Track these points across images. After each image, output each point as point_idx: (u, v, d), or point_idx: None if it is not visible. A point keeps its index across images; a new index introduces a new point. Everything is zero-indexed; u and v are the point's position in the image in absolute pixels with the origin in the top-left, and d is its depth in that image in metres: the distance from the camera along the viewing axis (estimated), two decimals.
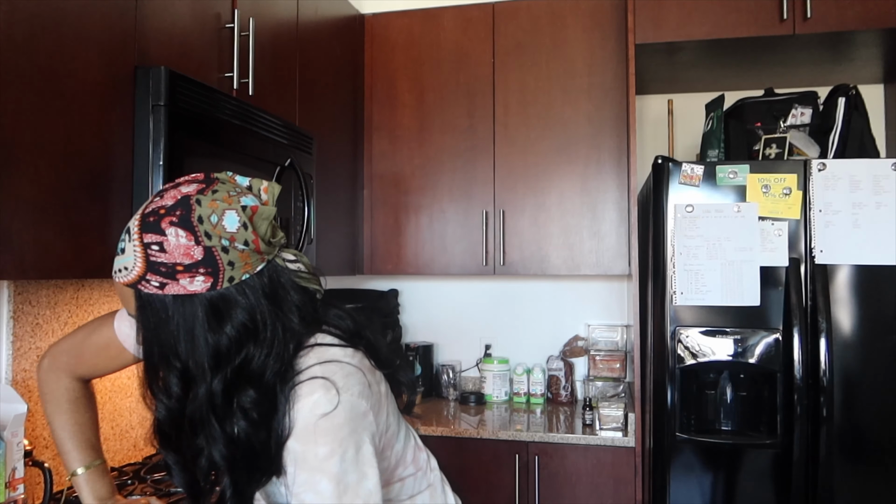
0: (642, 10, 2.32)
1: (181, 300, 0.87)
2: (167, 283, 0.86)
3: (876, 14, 2.16)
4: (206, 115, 1.57)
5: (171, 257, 0.85)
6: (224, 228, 0.86)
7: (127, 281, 0.88)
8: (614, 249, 2.54)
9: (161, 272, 0.85)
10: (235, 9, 1.79)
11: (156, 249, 0.85)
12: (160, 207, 0.87)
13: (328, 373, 0.89)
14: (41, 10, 1.21)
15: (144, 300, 0.88)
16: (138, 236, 0.86)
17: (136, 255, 0.86)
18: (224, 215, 0.87)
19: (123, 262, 0.88)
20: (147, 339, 0.90)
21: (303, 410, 0.87)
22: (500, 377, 2.82)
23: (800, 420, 1.95)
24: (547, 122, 2.61)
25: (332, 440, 0.86)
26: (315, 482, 0.86)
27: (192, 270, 0.85)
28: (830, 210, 2.02)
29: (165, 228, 0.85)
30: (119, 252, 0.89)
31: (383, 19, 2.78)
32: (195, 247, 0.85)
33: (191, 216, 0.86)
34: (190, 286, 0.86)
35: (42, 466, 1.41)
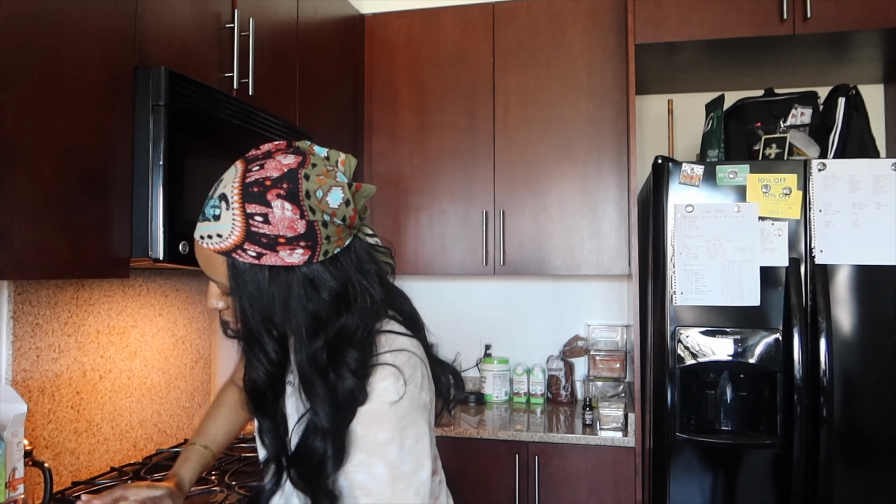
0: (642, 10, 2.32)
1: (277, 271, 0.88)
2: (265, 253, 0.86)
3: (876, 14, 2.16)
4: (206, 115, 1.57)
5: (275, 229, 0.85)
6: (328, 204, 0.88)
7: (220, 248, 0.88)
8: (614, 249, 2.54)
9: (262, 243, 0.86)
10: (235, 9, 1.79)
11: (259, 220, 0.85)
12: (265, 178, 0.86)
13: (399, 362, 0.92)
14: (41, 10, 1.21)
15: (238, 269, 0.88)
16: (240, 205, 0.86)
17: (234, 223, 0.86)
18: (330, 191, 0.88)
19: (216, 229, 0.87)
20: (242, 307, 0.89)
21: (372, 396, 0.90)
22: (500, 377, 2.82)
23: (800, 420, 1.95)
24: (547, 122, 2.61)
25: (394, 427, 0.89)
26: (371, 465, 0.89)
27: (293, 243, 0.86)
28: (830, 210, 2.02)
29: (272, 200, 0.85)
30: (209, 218, 0.88)
31: (383, 19, 2.78)
32: (299, 220, 0.86)
33: (298, 190, 0.86)
34: (288, 258, 0.87)
35: (42, 466, 1.41)
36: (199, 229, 0.91)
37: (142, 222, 1.42)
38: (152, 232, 1.41)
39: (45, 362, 1.61)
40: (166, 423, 2.05)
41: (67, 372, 1.68)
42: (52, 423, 1.63)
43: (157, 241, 1.42)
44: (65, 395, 1.67)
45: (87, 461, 1.73)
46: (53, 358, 1.64)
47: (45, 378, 1.61)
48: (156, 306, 2.01)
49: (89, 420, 1.74)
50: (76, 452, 1.70)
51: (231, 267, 0.89)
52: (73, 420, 1.69)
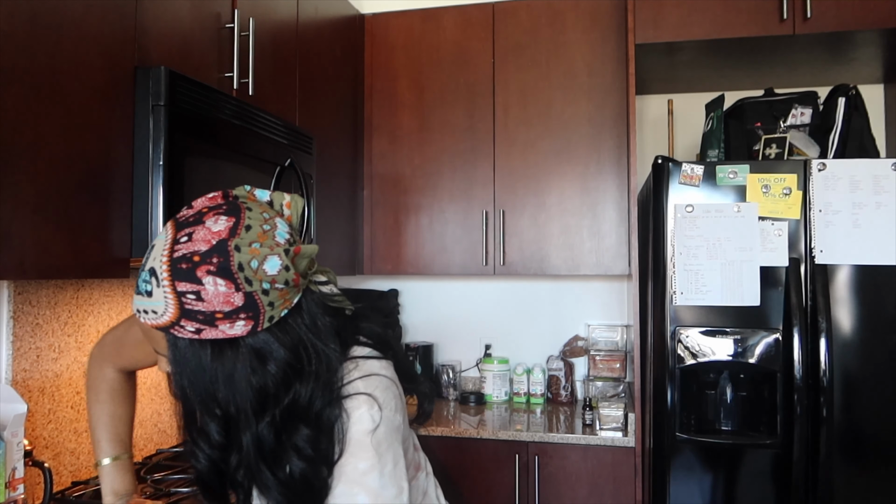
0: (642, 10, 2.32)
1: (219, 345, 0.83)
2: (204, 328, 0.81)
3: (876, 14, 2.16)
4: (206, 115, 1.57)
5: (210, 305, 0.80)
6: (265, 273, 0.81)
7: (157, 324, 0.83)
8: (614, 249, 2.54)
9: (198, 319, 0.81)
10: (235, 9, 1.79)
11: (192, 298, 0.80)
12: (193, 253, 0.80)
13: (370, 388, 0.90)
14: (41, 10, 1.21)
15: (178, 345, 0.84)
16: (169, 283, 0.80)
17: (167, 300, 0.80)
18: (265, 260, 0.82)
19: (151, 305, 0.82)
20: (181, 386, 0.85)
21: (347, 425, 0.88)
22: (500, 377, 2.82)
23: (800, 420, 1.95)
24: (547, 122, 2.61)
25: (373, 455, 0.88)
26: (353, 495, 0.86)
27: (232, 317, 0.81)
28: (830, 210, 2.02)
29: (202, 277, 0.79)
30: (142, 293, 0.82)
31: (383, 19, 2.78)
32: (235, 293, 0.80)
33: (230, 264, 0.80)
34: (230, 331, 0.82)
35: (42, 466, 1.41)
36: (134, 302, 0.85)
37: (142, 222, 1.42)
38: (152, 232, 1.41)
39: (45, 362, 1.61)
40: (166, 423, 2.05)
41: (67, 372, 1.68)
42: (52, 423, 1.63)
43: None
44: (65, 395, 1.67)
45: (87, 461, 1.73)
46: (53, 358, 1.64)
47: (45, 378, 1.61)
48: None
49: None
50: (76, 452, 1.70)
51: (171, 343, 0.84)
52: (73, 420, 1.69)
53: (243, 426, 0.85)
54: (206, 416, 0.86)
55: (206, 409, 0.85)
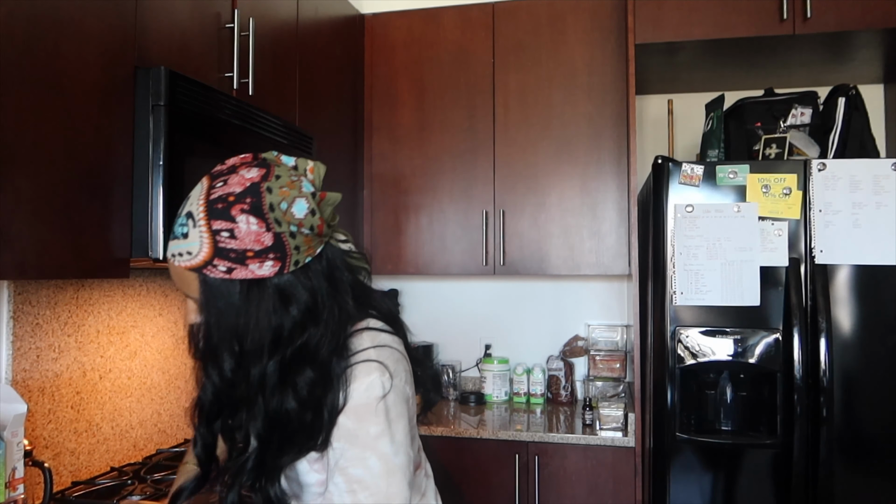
0: (642, 10, 2.32)
1: (248, 284, 0.89)
2: (235, 267, 0.88)
3: (876, 14, 2.16)
4: (206, 115, 1.57)
5: (242, 244, 0.87)
6: (293, 215, 0.89)
7: (191, 265, 0.89)
8: (614, 249, 2.54)
9: (230, 258, 0.87)
10: (235, 9, 1.79)
11: (225, 236, 0.87)
12: (228, 194, 0.88)
13: (382, 357, 0.94)
14: (41, 10, 1.21)
15: (209, 284, 0.89)
16: (205, 222, 0.87)
17: (202, 240, 0.87)
18: (294, 203, 0.89)
19: (186, 247, 0.88)
20: (209, 323, 0.90)
21: (359, 390, 0.92)
22: (500, 377, 2.82)
23: (800, 420, 1.95)
24: (547, 122, 2.61)
25: (384, 421, 0.92)
26: (365, 458, 0.91)
27: (261, 256, 0.88)
28: (830, 210, 2.02)
29: (236, 216, 0.87)
30: (178, 236, 0.89)
31: (383, 19, 2.78)
32: (266, 233, 0.87)
33: (262, 204, 0.87)
34: (259, 271, 0.88)
35: (42, 466, 1.41)
36: (170, 248, 0.91)
37: (142, 222, 1.42)
38: (152, 232, 1.41)
39: (45, 362, 1.61)
40: (166, 423, 2.05)
41: (67, 372, 1.68)
42: (52, 423, 1.63)
43: (157, 241, 1.41)
44: (65, 395, 1.67)
45: (87, 461, 1.73)
46: (53, 358, 1.64)
47: (45, 378, 1.61)
48: (156, 306, 2.01)
49: (89, 420, 1.74)
50: (76, 452, 1.70)
51: (203, 283, 0.90)
52: (73, 420, 1.69)
53: (255, 361, 0.90)
54: (224, 353, 0.90)
55: (226, 345, 0.90)
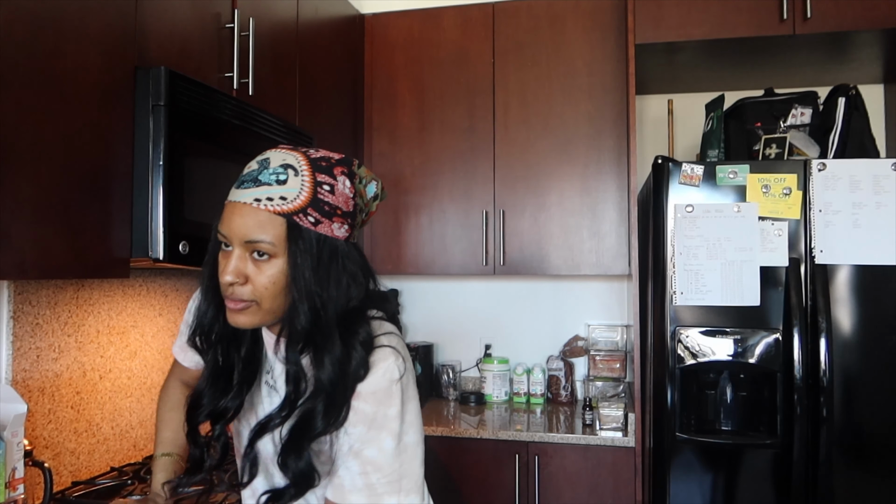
0: (642, 10, 2.32)
1: (324, 240, 0.95)
2: (322, 221, 0.95)
3: (876, 14, 2.16)
4: (206, 115, 1.57)
5: (337, 201, 0.96)
6: (366, 193, 1.03)
7: (282, 209, 0.93)
8: (614, 249, 2.54)
9: (323, 210, 0.95)
10: (235, 9, 1.79)
11: (326, 189, 0.95)
12: (329, 157, 0.98)
13: (394, 342, 1.00)
14: (41, 10, 1.21)
15: (296, 231, 0.94)
16: (309, 173, 0.95)
17: (302, 187, 0.94)
18: (370, 183, 1.03)
19: (281, 192, 0.93)
20: (295, 264, 0.94)
21: (376, 375, 0.96)
22: (500, 377, 2.82)
23: (800, 420, 1.95)
24: (547, 122, 2.61)
25: (399, 402, 0.97)
26: (381, 439, 0.96)
27: (344, 218, 0.97)
28: (830, 210, 2.02)
29: (337, 175, 0.97)
30: (271, 183, 0.94)
31: (383, 19, 2.78)
32: (352, 199, 0.99)
33: (354, 174, 1.00)
34: (336, 231, 0.96)
35: (42, 466, 1.41)
36: (251, 194, 0.94)
37: (142, 222, 1.42)
38: (152, 232, 1.41)
39: (45, 362, 1.61)
40: None
41: (67, 372, 1.68)
42: (52, 423, 1.63)
43: (157, 241, 1.42)
44: (65, 395, 1.67)
45: (87, 461, 1.73)
46: (53, 358, 1.64)
47: (45, 378, 1.61)
48: (156, 306, 2.01)
49: (89, 420, 1.74)
50: (76, 452, 1.70)
51: (290, 228, 0.94)
52: (73, 420, 1.69)
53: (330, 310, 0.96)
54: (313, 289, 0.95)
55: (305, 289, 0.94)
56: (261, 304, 0.96)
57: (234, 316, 0.98)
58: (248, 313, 0.97)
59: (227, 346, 1.05)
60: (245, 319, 0.97)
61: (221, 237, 0.96)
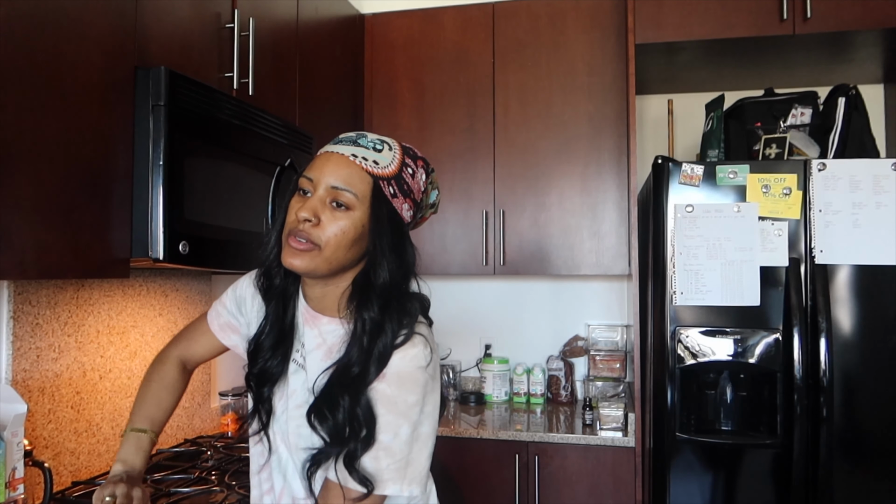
0: (642, 10, 2.32)
1: (395, 213, 1.03)
2: (398, 196, 1.03)
3: (876, 14, 2.16)
4: (206, 115, 1.57)
5: (414, 185, 1.06)
6: (428, 196, 1.12)
7: (375, 171, 1.01)
8: (614, 249, 2.54)
9: (402, 188, 1.04)
10: (235, 9, 1.79)
11: (409, 172, 1.05)
12: (414, 151, 1.09)
13: (424, 332, 1.03)
14: (41, 10, 1.21)
15: (380, 193, 1.01)
16: (401, 152, 1.05)
17: (394, 160, 1.04)
18: (433, 189, 1.13)
19: (377, 157, 1.02)
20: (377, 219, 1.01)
21: (405, 359, 0.98)
22: (500, 377, 2.82)
23: (800, 420, 1.95)
24: (547, 122, 2.61)
25: (421, 391, 0.98)
26: (398, 425, 0.97)
27: (412, 204, 1.06)
28: (830, 210, 2.02)
29: (419, 165, 1.08)
30: (369, 147, 1.03)
31: (383, 19, 2.78)
32: (421, 192, 1.08)
33: (429, 172, 1.11)
34: (404, 212, 1.05)
35: (42, 466, 1.41)
36: (352, 150, 1.02)
37: (142, 222, 1.42)
38: (152, 232, 1.41)
39: (45, 362, 1.61)
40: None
41: (67, 372, 1.68)
42: (52, 423, 1.63)
43: (157, 241, 1.41)
44: (65, 395, 1.67)
45: (87, 461, 1.73)
46: (53, 358, 1.64)
47: (45, 378, 1.61)
48: (156, 306, 2.01)
49: (89, 420, 1.74)
50: (76, 452, 1.70)
51: (375, 189, 1.01)
52: (73, 420, 1.69)
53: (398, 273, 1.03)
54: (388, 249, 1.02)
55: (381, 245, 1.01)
56: (323, 250, 0.98)
57: (292, 257, 0.99)
58: (307, 256, 0.98)
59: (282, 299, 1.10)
60: (301, 262, 0.98)
61: (307, 182, 1.01)
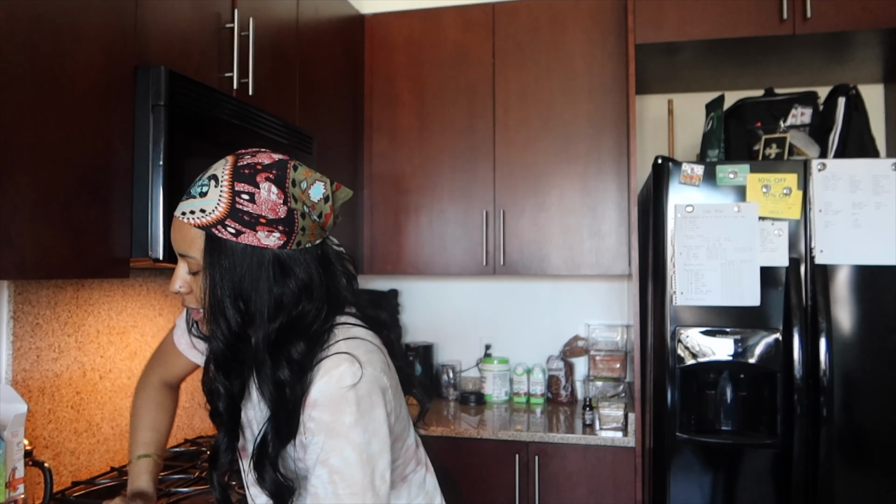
0: (642, 10, 2.32)
1: (251, 250, 0.93)
2: (244, 231, 0.93)
3: (876, 14, 2.16)
4: (206, 115, 1.57)
5: (258, 209, 0.93)
6: (309, 196, 0.96)
7: (201, 222, 0.93)
8: (614, 249, 2.54)
9: (243, 220, 0.92)
10: (235, 9, 1.79)
11: (245, 199, 0.92)
12: (257, 163, 0.95)
13: (352, 348, 0.96)
14: (41, 10, 1.21)
15: (215, 243, 0.93)
16: (229, 183, 0.93)
17: (220, 199, 0.92)
18: (313, 185, 0.97)
19: (200, 205, 0.93)
20: (213, 279, 0.94)
21: (330, 382, 0.93)
22: (500, 377, 2.82)
23: (800, 420, 1.95)
24: (547, 122, 2.61)
25: (357, 410, 0.92)
26: (341, 448, 0.92)
27: (272, 226, 0.93)
28: (830, 210, 2.02)
29: (260, 182, 0.93)
30: (195, 196, 0.94)
31: (383, 19, 2.78)
32: (282, 205, 0.94)
33: (286, 178, 0.95)
34: (265, 240, 0.93)
35: (42, 466, 1.41)
36: (181, 207, 0.96)
37: (142, 222, 1.42)
38: (152, 232, 1.41)
39: (45, 362, 1.61)
40: None
41: (67, 372, 1.68)
42: (52, 423, 1.63)
43: (157, 241, 1.42)
44: (65, 395, 1.67)
45: (87, 461, 1.73)
46: (53, 358, 1.64)
47: (45, 378, 1.61)
48: (156, 306, 2.01)
49: (89, 420, 1.74)
50: (76, 452, 1.70)
51: (208, 241, 0.93)
52: (73, 420, 1.69)
53: (258, 325, 0.95)
54: (228, 308, 0.94)
55: (231, 302, 0.94)
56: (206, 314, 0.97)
57: (200, 325, 1.01)
58: (205, 322, 0.99)
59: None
60: (207, 327, 0.99)
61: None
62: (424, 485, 1.17)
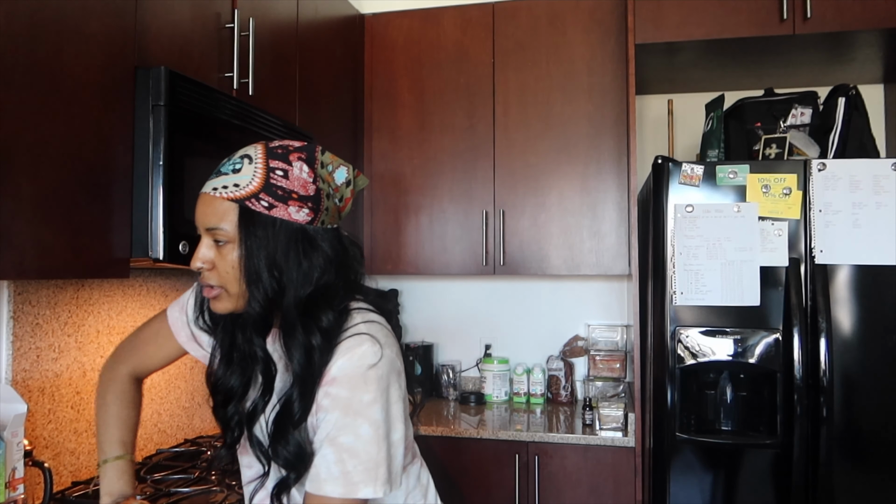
0: (642, 10, 2.32)
1: (282, 223, 0.98)
2: (277, 206, 0.98)
3: (876, 14, 2.16)
4: (206, 115, 1.57)
5: (291, 185, 0.99)
6: (334, 179, 1.05)
7: (235, 196, 0.97)
8: (614, 249, 2.54)
9: (276, 195, 0.98)
10: (235, 9, 1.79)
11: (279, 175, 0.98)
12: (288, 145, 1.02)
13: (372, 330, 1.00)
14: (41, 10, 1.21)
15: (249, 216, 0.97)
16: (263, 160, 0.99)
17: (255, 174, 0.98)
18: (338, 169, 1.05)
19: (235, 180, 0.98)
20: (249, 249, 0.98)
21: (352, 360, 0.96)
22: (500, 377, 2.82)
23: (800, 420, 1.95)
24: (547, 122, 2.61)
25: (377, 389, 0.96)
26: (357, 426, 0.95)
27: (302, 202, 0.99)
28: (830, 210, 2.02)
29: (293, 161, 1.00)
30: (228, 172, 0.99)
31: (383, 19, 2.78)
32: (311, 184, 1.00)
33: (315, 159, 1.02)
34: (295, 215, 0.99)
35: (42, 466, 1.41)
36: (210, 184, 1.00)
37: (142, 222, 1.42)
38: (152, 232, 1.41)
39: (45, 362, 1.61)
40: (166, 423, 2.05)
41: (67, 372, 1.68)
42: (52, 423, 1.63)
43: (157, 241, 1.42)
44: (65, 395, 1.67)
45: (87, 461, 1.73)
46: (53, 358, 1.64)
47: (45, 378, 1.61)
48: (156, 306, 2.01)
49: (89, 420, 1.74)
50: (76, 452, 1.70)
51: (242, 213, 0.98)
52: (73, 420, 1.69)
53: (289, 293, 0.99)
54: (264, 274, 0.98)
55: (267, 269, 0.98)
56: (228, 289, 1.00)
57: (212, 304, 1.03)
58: (220, 299, 1.02)
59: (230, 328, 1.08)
60: (220, 305, 1.02)
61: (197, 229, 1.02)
62: (420, 478, 1.17)
